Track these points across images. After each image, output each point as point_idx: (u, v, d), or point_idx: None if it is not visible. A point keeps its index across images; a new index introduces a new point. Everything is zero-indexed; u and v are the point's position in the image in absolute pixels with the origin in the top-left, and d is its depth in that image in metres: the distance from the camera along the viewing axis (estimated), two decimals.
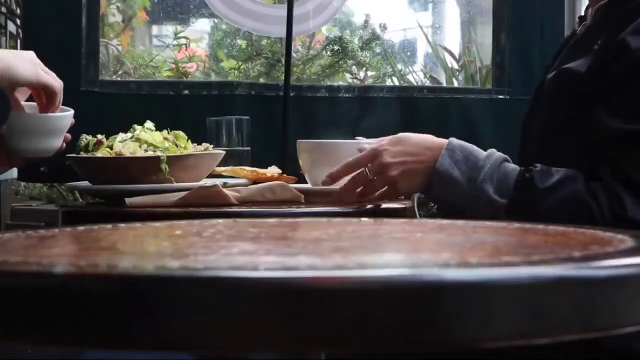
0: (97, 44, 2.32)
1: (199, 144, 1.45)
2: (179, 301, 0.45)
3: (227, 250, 0.63)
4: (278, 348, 0.46)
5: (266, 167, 1.52)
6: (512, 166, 1.21)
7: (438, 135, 1.30)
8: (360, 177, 1.28)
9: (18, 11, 3.17)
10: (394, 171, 1.24)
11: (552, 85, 1.26)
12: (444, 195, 1.25)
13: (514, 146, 1.38)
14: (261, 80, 3.04)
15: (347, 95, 2.48)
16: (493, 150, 1.24)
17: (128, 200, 1.29)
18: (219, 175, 1.48)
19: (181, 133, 1.43)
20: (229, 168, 1.50)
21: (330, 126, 1.92)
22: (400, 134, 1.28)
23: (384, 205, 1.32)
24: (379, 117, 2.05)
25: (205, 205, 1.26)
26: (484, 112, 2.13)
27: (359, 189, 1.30)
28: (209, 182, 1.39)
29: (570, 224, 1.10)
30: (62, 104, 1.29)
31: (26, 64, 1.25)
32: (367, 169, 1.28)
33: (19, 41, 3.24)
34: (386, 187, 1.28)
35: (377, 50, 3.23)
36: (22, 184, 2.98)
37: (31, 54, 1.27)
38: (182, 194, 1.29)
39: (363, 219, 0.88)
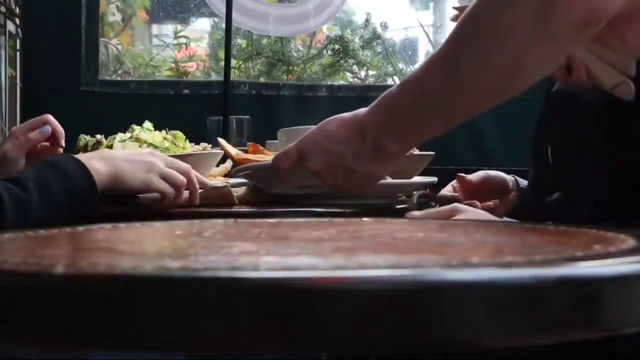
0: (97, 44, 2.32)
1: (197, 143, 1.44)
2: (179, 301, 0.45)
3: (228, 250, 0.62)
4: (278, 348, 0.46)
5: None
6: None
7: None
8: None
9: (17, 11, 3.16)
10: None
11: None
12: None
13: (515, 145, 1.37)
14: (261, 79, 3.04)
15: (347, 95, 2.47)
16: None
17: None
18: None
19: (179, 133, 1.43)
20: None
21: None
22: None
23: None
24: None
25: (215, 206, 1.26)
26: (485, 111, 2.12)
27: None
28: (217, 182, 1.39)
29: None
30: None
31: (138, 169, 1.21)
32: None
33: (18, 41, 3.24)
34: None
35: (378, 49, 3.23)
36: None
37: (154, 155, 1.24)
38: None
39: (364, 218, 0.88)
